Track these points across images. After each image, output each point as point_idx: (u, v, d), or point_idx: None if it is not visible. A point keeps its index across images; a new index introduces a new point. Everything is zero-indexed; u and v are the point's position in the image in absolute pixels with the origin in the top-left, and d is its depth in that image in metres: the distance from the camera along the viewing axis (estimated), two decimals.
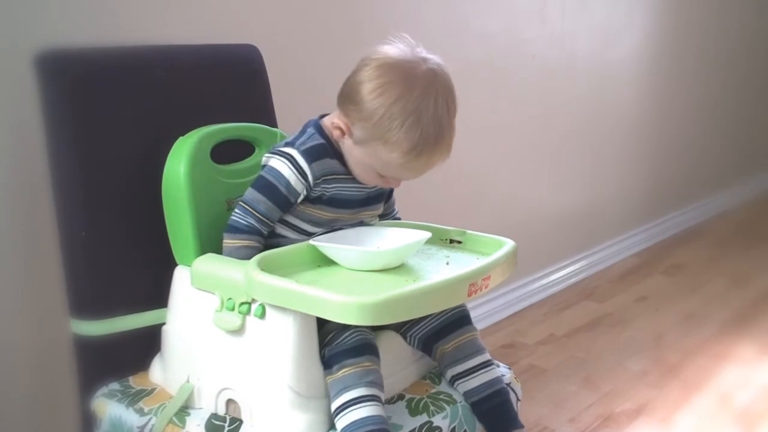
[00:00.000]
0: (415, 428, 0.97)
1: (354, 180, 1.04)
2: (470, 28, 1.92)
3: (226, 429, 0.96)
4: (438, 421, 1.00)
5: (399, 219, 1.18)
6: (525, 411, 1.16)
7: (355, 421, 0.90)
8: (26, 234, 1.12)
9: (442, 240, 1.11)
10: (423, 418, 0.99)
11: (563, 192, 2.40)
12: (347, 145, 1.02)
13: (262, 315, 0.94)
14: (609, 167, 2.62)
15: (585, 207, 2.51)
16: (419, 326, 1.05)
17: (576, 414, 1.68)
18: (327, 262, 1.00)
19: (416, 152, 0.96)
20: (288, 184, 1.00)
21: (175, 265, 1.05)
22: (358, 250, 0.98)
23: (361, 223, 1.09)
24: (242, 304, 0.95)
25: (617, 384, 1.81)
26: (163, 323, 1.06)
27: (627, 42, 2.58)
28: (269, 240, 1.03)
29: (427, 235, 1.02)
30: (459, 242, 1.11)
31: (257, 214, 1.01)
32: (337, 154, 1.03)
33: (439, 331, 1.04)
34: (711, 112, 3.19)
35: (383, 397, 0.95)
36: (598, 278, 2.54)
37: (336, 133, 1.02)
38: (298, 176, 1.00)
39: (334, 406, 0.92)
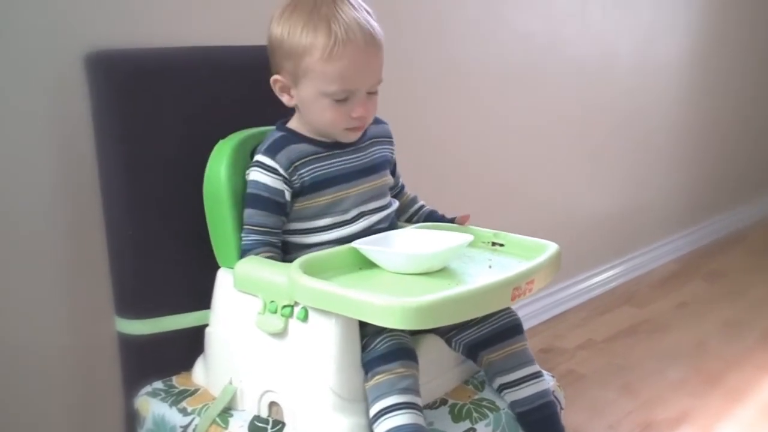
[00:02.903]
0: None
1: (331, 155, 1.04)
2: (510, 27, 1.90)
3: (269, 431, 0.96)
4: (481, 428, 0.99)
5: (407, 193, 1.19)
6: (563, 417, 1.14)
7: (391, 429, 0.89)
8: (74, 232, 1.14)
9: (483, 243, 1.10)
10: (466, 424, 0.98)
11: (602, 195, 2.37)
12: (299, 99, 1.03)
13: (305, 318, 0.93)
14: (649, 170, 2.58)
15: (624, 210, 2.47)
16: (467, 332, 1.04)
17: (615, 421, 1.65)
18: (368, 264, 0.99)
19: (333, 40, 0.97)
20: (266, 186, 1.01)
21: (219, 266, 1.06)
22: (401, 253, 0.97)
23: (389, 222, 1.08)
24: (285, 306, 0.95)
25: (657, 392, 1.78)
26: (206, 325, 1.07)
27: (669, 42, 2.54)
28: (296, 254, 1.03)
29: (470, 238, 1.01)
30: (501, 245, 1.10)
31: (256, 228, 1.02)
32: (303, 138, 1.04)
33: (488, 339, 1.03)
34: (754, 115, 3.13)
35: (420, 402, 0.93)
36: (637, 283, 2.50)
37: (285, 98, 1.04)
38: (271, 174, 1.01)
39: (371, 413, 0.92)
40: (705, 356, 1.97)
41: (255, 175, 1.02)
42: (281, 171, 1.01)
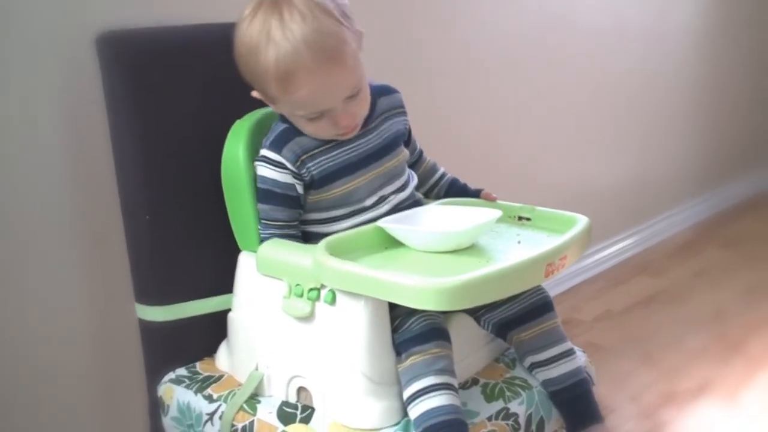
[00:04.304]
0: (491, 415, 0.95)
1: (336, 146, 0.99)
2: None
3: (299, 417, 0.95)
4: (514, 407, 0.97)
5: (426, 160, 1.14)
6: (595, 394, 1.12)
7: (428, 410, 0.87)
8: (91, 218, 1.12)
9: (509, 217, 1.07)
10: (499, 404, 0.96)
11: (615, 164, 2.34)
12: (282, 113, 0.99)
13: (333, 301, 0.91)
14: (662, 138, 2.54)
15: (637, 179, 2.45)
16: (497, 311, 1.01)
17: (637, 392, 1.64)
18: (395, 243, 0.97)
19: (282, 72, 0.89)
20: (276, 182, 0.97)
21: (239, 250, 1.03)
22: (430, 231, 0.95)
23: (416, 203, 1.04)
24: (311, 290, 0.92)
25: (678, 361, 1.76)
26: (229, 309, 1.05)
27: (682, 10, 2.49)
28: (317, 242, 0.98)
29: (498, 213, 0.98)
30: (528, 219, 1.07)
31: (273, 222, 0.99)
32: None
33: (519, 318, 1.00)
34: (766, 80, 3.08)
35: (456, 383, 0.91)
36: (652, 252, 2.47)
37: (271, 107, 0.99)
38: (279, 170, 0.97)
39: (406, 395, 0.90)
40: (725, 324, 1.95)
41: (262, 170, 0.98)
42: (288, 165, 0.97)
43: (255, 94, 0.98)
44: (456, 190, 1.13)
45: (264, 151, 0.99)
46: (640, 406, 1.59)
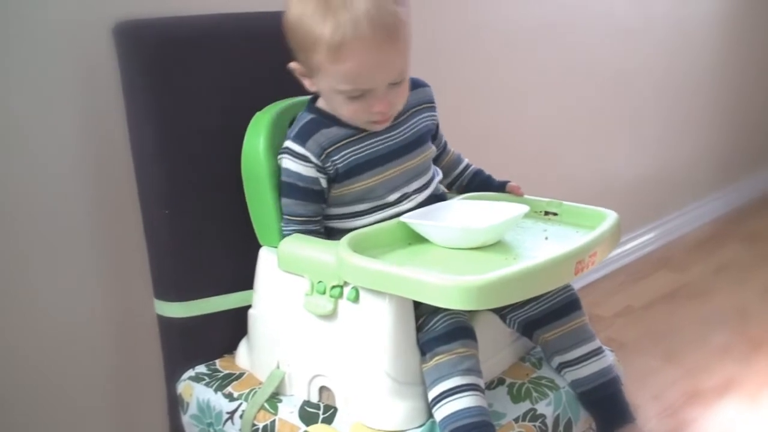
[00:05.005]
0: (518, 416, 0.92)
1: (365, 137, 0.97)
2: None
3: (321, 417, 0.93)
4: (542, 408, 0.94)
5: (450, 152, 1.12)
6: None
7: (455, 412, 0.85)
8: (110, 212, 1.10)
9: (535, 212, 1.04)
10: (526, 405, 0.94)
11: (635, 157, 2.31)
12: (318, 88, 0.96)
13: (356, 299, 0.89)
14: (682, 132, 2.50)
15: (658, 172, 2.41)
16: (523, 309, 0.99)
17: (660, 391, 1.61)
18: (418, 239, 0.94)
19: (338, 39, 0.87)
20: (299, 175, 0.95)
21: (260, 245, 1.01)
22: (456, 228, 0.92)
23: (434, 197, 1.02)
24: (334, 287, 0.90)
25: (701, 359, 1.73)
26: (249, 306, 1.03)
27: (703, 1, 2.45)
28: (339, 237, 0.95)
29: (526, 208, 0.95)
30: (555, 214, 1.04)
31: (295, 218, 0.97)
32: (335, 120, 0.96)
33: (545, 316, 0.98)
34: None
35: (482, 383, 0.89)
36: (673, 247, 2.43)
37: (306, 83, 0.96)
38: (303, 163, 0.95)
39: (431, 396, 0.88)
40: (748, 321, 1.91)
41: (287, 163, 0.96)
42: (313, 159, 0.95)
43: (293, 65, 0.95)
44: (480, 181, 1.10)
45: (288, 143, 0.97)
46: (663, 404, 1.57)
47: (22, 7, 0.99)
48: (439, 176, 1.06)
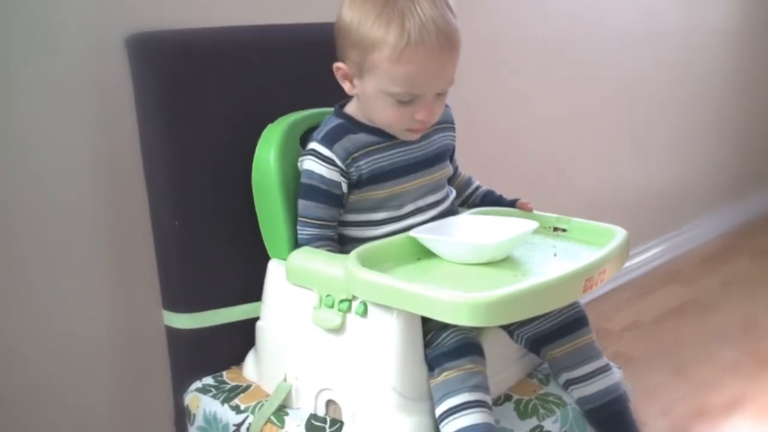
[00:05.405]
0: None
1: (391, 146, 0.98)
2: None
3: (327, 431, 0.92)
4: (548, 425, 0.94)
5: (461, 174, 1.13)
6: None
7: (462, 429, 0.85)
8: (120, 223, 1.11)
9: (544, 228, 1.04)
10: (533, 422, 0.94)
11: (645, 171, 2.30)
12: (361, 91, 0.96)
13: (364, 313, 0.89)
14: (692, 145, 2.50)
15: (667, 186, 2.40)
16: (531, 325, 0.98)
17: (667, 406, 1.60)
18: (427, 254, 0.94)
19: (405, 41, 0.89)
20: (322, 178, 0.95)
21: (269, 257, 1.01)
22: (465, 243, 0.92)
23: (450, 212, 1.02)
24: (342, 301, 0.90)
25: (709, 375, 1.73)
26: (257, 317, 1.03)
27: (715, 11, 2.44)
28: (350, 246, 0.97)
29: (535, 224, 0.95)
30: (564, 230, 1.04)
31: (313, 221, 0.97)
32: (363, 127, 0.97)
33: (553, 333, 0.98)
34: None
35: (490, 400, 0.89)
36: (681, 261, 2.43)
37: (346, 86, 0.97)
38: (328, 166, 0.95)
39: (438, 412, 0.87)
40: (757, 337, 1.90)
41: (310, 164, 0.96)
42: (338, 162, 0.95)
43: (339, 64, 0.96)
44: (491, 200, 1.11)
45: (314, 145, 0.97)
46: (671, 420, 1.56)
47: (36, 19, 0.99)
48: (453, 195, 1.07)
